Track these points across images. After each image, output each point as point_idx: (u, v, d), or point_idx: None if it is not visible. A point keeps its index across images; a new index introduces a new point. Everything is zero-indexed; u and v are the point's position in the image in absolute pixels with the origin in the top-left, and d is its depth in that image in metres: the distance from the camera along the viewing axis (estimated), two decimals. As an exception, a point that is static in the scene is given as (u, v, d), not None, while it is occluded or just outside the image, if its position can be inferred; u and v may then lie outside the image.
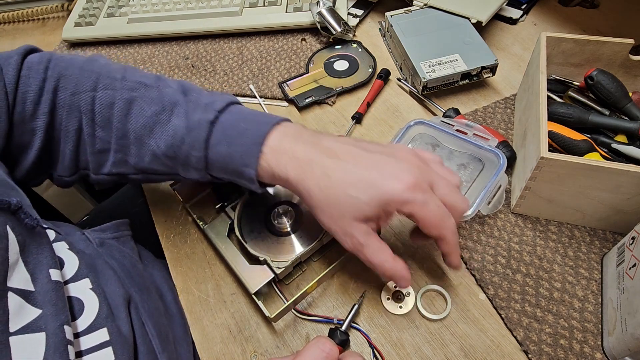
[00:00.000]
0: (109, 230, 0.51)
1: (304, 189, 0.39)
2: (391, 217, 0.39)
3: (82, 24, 0.82)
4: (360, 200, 0.37)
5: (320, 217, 0.40)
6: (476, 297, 0.47)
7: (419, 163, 0.40)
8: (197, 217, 0.54)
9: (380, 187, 0.37)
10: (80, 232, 0.48)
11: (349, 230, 0.39)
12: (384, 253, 0.40)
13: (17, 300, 0.33)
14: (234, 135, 0.41)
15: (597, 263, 0.48)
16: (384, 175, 0.38)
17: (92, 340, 0.38)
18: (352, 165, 0.39)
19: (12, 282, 0.33)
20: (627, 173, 0.42)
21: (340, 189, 0.38)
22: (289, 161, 0.40)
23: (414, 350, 0.44)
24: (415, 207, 0.37)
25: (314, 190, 0.39)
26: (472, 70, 0.62)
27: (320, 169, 0.39)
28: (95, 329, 0.38)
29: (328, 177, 0.38)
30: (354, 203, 0.38)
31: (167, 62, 0.77)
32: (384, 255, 0.40)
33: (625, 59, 0.55)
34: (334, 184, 0.38)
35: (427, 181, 0.39)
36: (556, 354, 0.43)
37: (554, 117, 0.53)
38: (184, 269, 0.53)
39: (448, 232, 0.39)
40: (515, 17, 0.75)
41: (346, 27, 0.72)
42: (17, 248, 0.35)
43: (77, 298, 0.39)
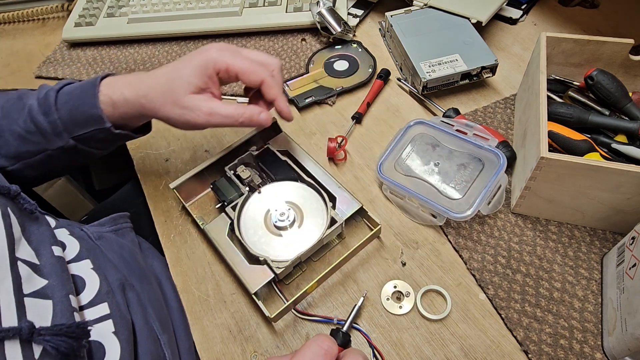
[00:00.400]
0: (107, 224, 0.52)
1: (142, 97, 0.47)
2: (217, 83, 0.48)
3: (82, 24, 0.82)
4: (184, 74, 0.46)
5: (168, 114, 0.47)
6: (476, 297, 0.47)
7: (223, 44, 0.48)
8: (197, 217, 0.54)
9: (193, 59, 0.46)
10: (79, 228, 0.49)
11: (192, 104, 0.46)
12: (231, 105, 0.47)
13: (26, 269, 0.36)
14: (75, 93, 0.49)
15: (597, 263, 0.48)
16: (193, 54, 0.47)
17: (95, 313, 0.40)
18: (172, 63, 0.48)
19: (20, 254, 0.36)
20: (627, 173, 0.42)
21: (166, 77, 0.47)
22: (123, 85, 0.48)
23: (414, 350, 0.44)
24: (227, 60, 0.46)
25: (149, 92, 0.46)
26: (472, 70, 0.62)
27: (146, 76, 0.48)
28: (97, 303, 0.41)
29: (154, 77, 0.47)
30: (181, 79, 0.46)
31: (167, 62, 0.77)
32: (233, 107, 0.47)
33: (625, 59, 0.55)
34: (160, 77, 0.47)
35: (233, 48, 0.48)
36: (556, 354, 0.43)
37: (554, 117, 0.53)
38: (184, 269, 0.53)
39: (266, 75, 0.47)
40: (515, 17, 0.75)
41: (346, 27, 0.72)
42: (18, 228, 0.38)
43: (79, 276, 0.42)
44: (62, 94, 0.49)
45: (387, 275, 0.49)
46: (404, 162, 0.55)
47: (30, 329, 0.31)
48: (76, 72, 0.78)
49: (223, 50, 0.46)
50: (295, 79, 0.70)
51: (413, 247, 0.51)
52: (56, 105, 0.48)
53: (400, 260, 0.50)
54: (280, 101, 0.49)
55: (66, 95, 0.49)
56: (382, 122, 0.64)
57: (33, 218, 0.41)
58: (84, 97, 0.47)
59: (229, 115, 0.46)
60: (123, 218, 0.55)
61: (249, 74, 0.46)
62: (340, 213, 0.51)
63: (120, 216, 0.54)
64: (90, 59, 0.80)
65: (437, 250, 0.51)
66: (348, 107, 0.66)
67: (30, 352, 0.31)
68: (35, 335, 0.32)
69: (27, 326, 0.31)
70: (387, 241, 0.52)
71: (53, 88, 0.49)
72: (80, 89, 0.48)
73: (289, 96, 0.67)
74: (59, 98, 0.48)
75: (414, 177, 0.54)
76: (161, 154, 0.64)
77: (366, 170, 0.59)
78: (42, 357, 0.32)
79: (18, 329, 0.31)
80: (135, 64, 0.78)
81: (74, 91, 0.49)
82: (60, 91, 0.49)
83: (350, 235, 0.53)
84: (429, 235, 0.52)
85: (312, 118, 0.66)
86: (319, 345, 0.36)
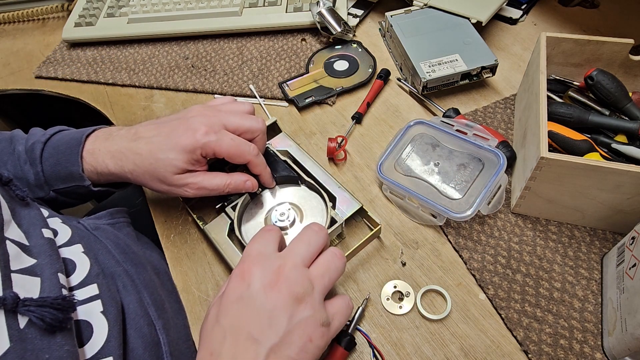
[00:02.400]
0: (104, 218, 0.53)
1: (127, 173, 0.48)
2: (204, 162, 0.48)
3: (82, 24, 0.82)
4: (170, 157, 0.46)
5: (155, 188, 0.49)
6: (476, 297, 0.47)
7: (207, 112, 0.49)
8: (197, 217, 0.54)
9: (180, 142, 0.46)
10: (76, 221, 0.50)
11: (179, 182, 0.47)
12: (217, 177, 0.49)
13: (15, 248, 0.37)
14: (60, 148, 0.50)
15: (597, 263, 0.48)
16: (179, 132, 0.46)
17: (84, 294, 0.41)
18: (155, 135, 0.47)
19: (8, 234, 0.37)
20: (627, 173, 0.42)
21: (151, 158, 0.47)
22: (106, 157, 0.49)
23: (414, 350, 0.44)
24: (213, 146, 0.46)
25: (134, 170, 0.47)
26: (472, 70, 0.62)
27: (130, 152, 0.48)
28: (86, 285, 0.41)
29: (139, 154, 0.47)
30: (167, 162, 0.46)
31: (167, 62, 0.77)
32: (219, 178, 0.49)
33: (625, 59, 0.55)
34: (145, 157, 0.47)
35: (218, 123, 0.47)
36: (556, 354, 0.43)
37: (554, 117, 0.53)
38: (184, 269, 0.53)
39: (251, 156, 0.48)
40: (515, 17, 0.75)
41: (346, 27, 0.72)
42: (8, 212, 0.39)
43: (70, 259, 0.42)
44: (49, 147, 0.50)
45: (387, 275, 0.49)
46: (404, 162, 0.55)
47: (14, 299, 0.32)
48: (76, 72, 0.78)
49: (209, 133, 0.46)
50: (295, 79, 0.70)
51: (413, 247, 0.51)
52: (41, 159, 0.50)
53: (400, 260, 0.50)
54: (264, 176, 0.52)
55: (52, 149, 0.50)
56: (382, 122, 0.64)
57: (24, 204, 0.42)
58: (68, 154, 0.49)
59: (216, 187, 0.49)
60: (120, 213, 0.55)
61: (236, 158, 0.48)
62: (340, 213, 0.51)
63: (118, 211, 0.55)
64: (90, 59, 0.80)
65: (437, 250, 0.51)
66: (348, 107, 0.66)
67: (15, 322, 0.32)
68: (20, 306, 0.32)
69: (12, 296, 0.32)
70: (387, 241, 0.52)
71: (40, 140, 0.51)
72: (66, 144, 0.50)
73: (289, 96, 0.67)
74: (45, 151, 0.50)
75: (414, 177, 0.54)
76: (161, 154, 0.64)
77: (366, 170, 0.59)
78: (28, 328, 0.32)
79: (2, 298, 0.31)
80: (135, 63, 0.78)
81: (60, 146, 0.50)
82: (47, 144, 0.51)
83: (350, 235, 0.53)
84: (429, 235, 0.52)
85: (312, 118, 0.66)
86: (265, 230, 0.41)
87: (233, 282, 0.37)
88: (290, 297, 0.35)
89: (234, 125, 0.48)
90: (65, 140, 0.51)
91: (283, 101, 0.69)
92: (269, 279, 0.36)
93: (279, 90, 0.69)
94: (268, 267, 0.37)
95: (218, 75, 0.73)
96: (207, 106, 0.50)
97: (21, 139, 0.52)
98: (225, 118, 0.48)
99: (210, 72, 0.74)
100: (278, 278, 0.36)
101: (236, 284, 0.37)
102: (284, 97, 0.68)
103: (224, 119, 0.48)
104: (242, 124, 0.48)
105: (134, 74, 0.76)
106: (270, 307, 0.35)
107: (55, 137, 0.52)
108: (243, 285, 0.36)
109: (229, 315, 0.36)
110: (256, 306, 0.35)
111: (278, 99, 0.69)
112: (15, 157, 0.50)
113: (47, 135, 0.52)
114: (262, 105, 0.68)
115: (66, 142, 0.50)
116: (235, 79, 0.72)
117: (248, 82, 0.71)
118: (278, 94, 0.69)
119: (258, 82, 0.71)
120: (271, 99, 0.69)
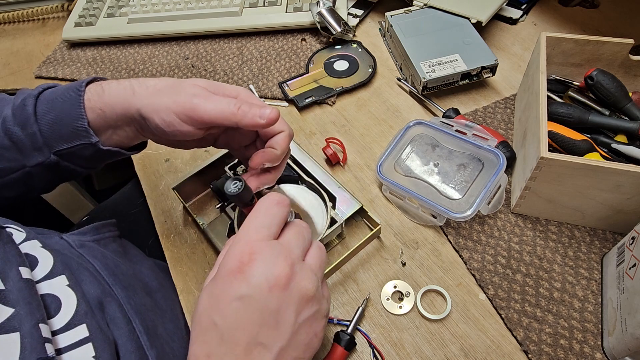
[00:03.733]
0: (89, 234, 0.50)
1: (144, 89, 0.41)
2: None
3: (82, 24, 0.82)
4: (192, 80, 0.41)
5: (168, 110, 0.40)
6: (476, 297, 0.47)
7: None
8: (197, 217, 0.54)
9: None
10: (59, 237, 0.47)
11: (192, 90, 0.40)
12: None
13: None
14: (57, 100, 0.43)
15: (597, 263, 0.48)
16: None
17: (71, 338, 0.36)
18: None
19: None
20: (627, 173, 0.42)
21: (172, 80, 0.42)
22: (114, 86, 0.42)
23: (414, 350, 0.44)
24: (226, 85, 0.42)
25: (156, 84, 0.41)
26: (472, 70, 0.62)
27: (143, 78, 0.42)
28: (74, 326, 0.37)
29: (156, 79, 0.42)
30: (190, 81, 0.41)
31: (167, 62, 0.77)
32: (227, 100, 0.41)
33: (625, 59, 0.55)
34: (163, 79, 0.42)
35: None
36: (556, 354, 0.43)
37: (554, 117, 0.53)
38: (184, 269, 0.53)
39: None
40: (515, 17, 0.75)
41: (346, 27, 0.72)
42: None
43: (54, 295, 0.38)
44: (42, 101, 0.43)
45: (387, 275, 0.49)
46: (403, 162, 0.55)
47: None
48: (76, 72, 0.78)
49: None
50: (295, 79, 0.70)
51: (413, 247, 0.51)
52: (35, 116, 0.42)
53: (400, 260, 0.50)
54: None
55: (47, 103, 0.43)
56: (382, 122, 0.64)
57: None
58: (68, 107, 0.42)
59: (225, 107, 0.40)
60: (106, 227, 0.52)
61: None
62: (340, 213, 0.51)
63: (104, 225, 0.52)
64: (90, 59, 0.80)
65: (437, 250, 0.51)
66: (348, 107, 0.66)
67: None
68: None
69: None
70: (387, 241, 0.52)
71: (31, 94, 0.44)
72: (62, 97, 0.43)
73: (289, 96, 0.67)
74: (38, 106, 0.43)
75: (414, 177, 0.54)
76: (161, 154, 0.64)
77: (366, 170, 0.59)
78: None
79: None
80: (135, 64, 0.78)
81: (56, 99, 0.43)
82: (40, 97, 0.44)
83: (350, 235, 0.53)
84: (429, 235, 0.52)
85: (312, 118, 0.66)
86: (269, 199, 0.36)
87: (230, 276, 0.32)
88: (300, 297, 0.33)
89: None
90: (60, 92, 0.43)
91: (283, 101, 0.69)
92: (276, 277, 0.32)
93: (279, 90, 0.69)
94: (273, 263, 0.32)
95: (218, 75, 0.73)
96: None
97: (7, 101, 0.45)
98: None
99: (210, 72, 0.74)
100: (287, 278, 0.32)
101: (234, 279, 0.32)
102: (284, 97, 0.68)
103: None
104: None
105: (134, 74, 0.76)
106: (276, 308, 0.32)
107: (47, 91, 0.44)
108: (243, 282, 0.31)
109: (226, 316, 0.32)
110: (259, 307, 0.31)
111: (278, 99, 0.69)
112: (0, 124, 0.43)
113: (38, 90, 0.44)
114: (262, 105, 0.68)
115: (63, 94, 0.43)
116: (235, 79, 0.72)
117: (248, 82, 0.71)
118: (278, 94, 0.69)
119: (258, 82, 0.71)
120: (271, 99, 0.69)
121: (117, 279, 0.45)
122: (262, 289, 0.31)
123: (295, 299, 0.32)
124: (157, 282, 0.52)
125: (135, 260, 0.53)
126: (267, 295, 0.32)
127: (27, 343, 0.32)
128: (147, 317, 0.45)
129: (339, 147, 0.60)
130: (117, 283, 0.45)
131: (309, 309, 0.33)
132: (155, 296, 0.50)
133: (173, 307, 0.50)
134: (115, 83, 0.43)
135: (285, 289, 0.32)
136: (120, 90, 0.42)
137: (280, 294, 0.32)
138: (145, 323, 0.44)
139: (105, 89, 0.42)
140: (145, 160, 0.64)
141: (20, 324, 0.32)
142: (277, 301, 0.32)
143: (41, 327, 0.33)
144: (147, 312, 0.46)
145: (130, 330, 0.42)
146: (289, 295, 0.32)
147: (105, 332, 0.39)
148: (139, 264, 0.53)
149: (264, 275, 0.32)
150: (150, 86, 0.41)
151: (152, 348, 0.42)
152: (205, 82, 0.42)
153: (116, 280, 0.45)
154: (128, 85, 0.42)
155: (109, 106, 0.42)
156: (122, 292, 0.44)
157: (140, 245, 0.58)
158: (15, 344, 0.31)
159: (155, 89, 0.41)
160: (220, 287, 0.32)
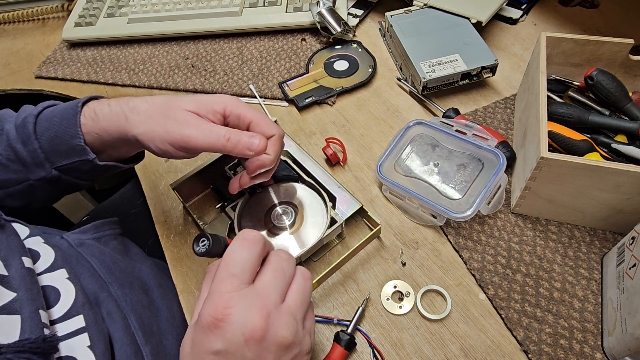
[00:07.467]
0: (89, 232, 0.51)
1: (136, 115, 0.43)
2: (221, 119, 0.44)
3: (82, 24, 0.82)
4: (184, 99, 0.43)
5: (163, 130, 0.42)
6: (476, 297, 0.47)
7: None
8: (197, 217, 0.54)
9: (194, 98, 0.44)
10: (60, 237, 0.48)
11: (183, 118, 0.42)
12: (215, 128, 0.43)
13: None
14: (55, 119, 0.45)
15: (597, 263, 0.48)
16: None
17: (69, 327, 0.38)
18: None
19: None
20: (627, 173, 0.42)
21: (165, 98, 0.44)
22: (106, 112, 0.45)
23: (414, 350, 0.44)
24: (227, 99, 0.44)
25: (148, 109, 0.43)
26: (472, 70, 0.62)
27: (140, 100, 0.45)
28: (71, 316, 0.39)
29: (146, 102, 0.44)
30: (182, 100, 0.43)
31: (167, 62, 0.77)
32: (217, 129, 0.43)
33: (625, 59, 0.55)
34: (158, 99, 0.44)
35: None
36: (556, 354, 0.43)
37: (554, 117, 0.53)
38: (184, 269, 0.53)
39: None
40: (515, 17, 0.75)
41: (346, 27, 0.72)
42: None
43: (53, 287, 0.39)
44: (42, 119, 0.46)
45: (387, 275, 0.49)
46: (403, 162, 0.55)
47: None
48: (76, 72, 0.78)
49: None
50: (295, 79, 0.70)
51: (413, 247, 0.51)
52: (36, 134, 0.45)
53: (400, 260, 0.50)
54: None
55: (46, 121, 0.46)
56: (382, 122, 0.64)
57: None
58: (65, 125, 0.45)
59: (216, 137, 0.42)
60: (107, 225, 0.53)
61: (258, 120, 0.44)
62: (340, 213, 0.51)
63: (104, 223, 0.52)
64: (90, 59, 0.80)
65: (437, 250, 0.51)
66: (348, 107, 0.66)
67: None
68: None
69: None
70: (387, 241, 0.52)
71: (32, 112, 0.46)
72: (60, 115, 0.45)
73: (289, 96, 0.67)
74: (38, 125, 0.46)
75: (414, 177, 0.54)
76: (161, 154, 0.64)
77: (366, 170, 0.59)
78: None
79: None
80: (135, 63, 0.78)
81: (54, 117, 0.46)
82: (39, 116, 0.46)
83: (350, 235, 0.53)
84: (429, 235, 0.52)
85: (312, 118, 0.66)
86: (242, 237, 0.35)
87: (206, 330, 0.32)
88: (278, 346, 0.32)
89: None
90: (58, 111, 0.46)
91: (283, 101, 0.69)
92: (251, 331, 0.31)
93: (279, 90, 0.69)
94: (248, 315, 0.32)
95: (218, 75, 0.73)
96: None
97: (10, 117, 0.48)
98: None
99: (210, 72, 0.74)
100: (263, 330, 0.32)
101: (210, 333, 0.32)
102: (284, 97, 0.68)
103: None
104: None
105: (134, 74, 0.76)
106: (255, 358, 0.32)
107: (47, 110, 0.47)
108: (219, 337, 0.31)
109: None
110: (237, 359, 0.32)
111: (278, 99, 0.69)
112: (4, 137, 0.46)
113: (38, 109, 0.47)
114: (262, 105, 0.68)
115: (60, 113, 0.46)
116: (235, 79, 0.72)
117: (248, 82, 0.71)
118: (278, 94, 0.69)
119: (258, 82, 0.71)
120: (271, 99, 0.69)
121: (114, 276, 0.46)
122: (238, 344, 0.31)
123: (272, 349, 0.32)
124: (155, 280, 0.52)
125: (135, 259, 0.54)
126: (244, 349, 0.31)
127: (27, 326, 0.33)
128: (142, 314, 0.46)
129: (339, 147, 0.60)
130: (113, 280, 0.46)
131: (289, 354, 0.33)
132: (152, 294, 0.50)
133: (170, 305, 0.51)
134: (107, 108, 0.45)
135: (261, 341, 0.32)
136: (113, 117, 0.44)
137: (256, 346, 0.32)
138: (140, 320, 0.45)
139: (99, 115, 0.45)
140: (145, 160, 0.64)
141: (21, 308, 0.34)
142: (254, 353, 0.32)
143: (41, 313, 0.35)
144: (143, 309, 0.46)
145: (125, 326, 0.43)
146: (265, 346, 0.32)
147: (100, 325, 0.40)
148: (138, 262, 0.54)
149: (240, 330, 0.31)
150: (142, 112, 0.44)
151: (147, 344, 0.43)
152: (193, 104, 0.43)
153: (113, 278, 0.46)
154: (120, 111, 0.44)
155: (105, 131, 0.45)
156: (119, 289, 0.45)
157: (140, 245, 0.58)
158: (15, 325, 0.33)
159: (146, 115, 0.43)
160: (198, 339, 0.33)
